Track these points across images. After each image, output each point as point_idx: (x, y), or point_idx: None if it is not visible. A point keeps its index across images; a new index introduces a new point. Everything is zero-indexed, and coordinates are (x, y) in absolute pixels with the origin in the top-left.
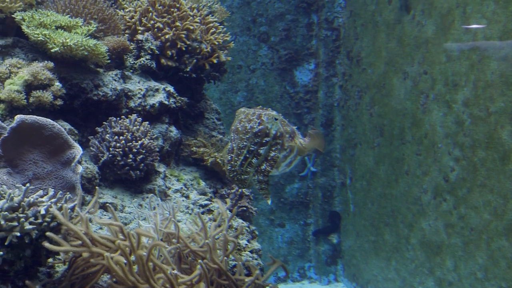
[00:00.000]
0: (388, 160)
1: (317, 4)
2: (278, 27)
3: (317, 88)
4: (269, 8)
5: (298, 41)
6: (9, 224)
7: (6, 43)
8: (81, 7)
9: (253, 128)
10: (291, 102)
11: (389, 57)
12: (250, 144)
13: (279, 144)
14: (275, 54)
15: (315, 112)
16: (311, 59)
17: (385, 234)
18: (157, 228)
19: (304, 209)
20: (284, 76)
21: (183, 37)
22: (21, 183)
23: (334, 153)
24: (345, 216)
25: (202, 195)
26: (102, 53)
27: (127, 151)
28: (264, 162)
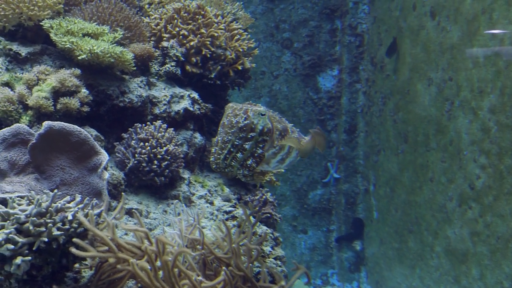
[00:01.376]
0: (412, 167)
1: (341, 10)
2: (301, 33)
3: (340, 94)
4: (293, 14)
5: (321, 47)
6: (37, 230)
7: (34, 51)
8: (108, 15)
9: (239, 123)
10: (314, 108)
11: (413, 63)
12: (234, 138)
13: (267, 140)
14: (298, 60)
15: (338, 118)
16: (334, 65)
17: (409, 241)
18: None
19: (327, 216)
20: (307, 82)
21: (208, 44)
22: (49, 189)
23: (357, 159)
24: (369, 223)
25: (226, 202)
26: (128, 60)
27: (152, 157)
28: (250, 158)
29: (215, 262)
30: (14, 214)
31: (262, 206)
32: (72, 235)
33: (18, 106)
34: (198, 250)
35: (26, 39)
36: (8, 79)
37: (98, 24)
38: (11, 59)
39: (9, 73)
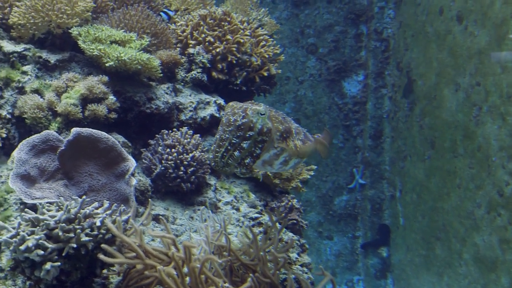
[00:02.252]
0: (439, 173)
1: (366, 15)
2: (326, 39)
3: (366, 100)
4: (318, 19)
5: (346, 52)
6: (66, 235)
7: (63, 58)
8: (135, 22)
9: (236, 121)
10: (340, 114)
11: (440, 68)
12: (232, 136)
13: (266, 141)
14: (323, 65)
15: (364, 123)
16: (359, 70)
17: (436, 248)
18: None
19: (352, 222)
20: (333, 87)
21: (234, 50)
22: (77, 195)
23: (383, 165)
24: (395, 229)
25: (252, 208)
26: (155, 67)
27: (179, 163)
28: (248, 157)
29: (242, 269)
30: (44, 220)
31: (288, 213)
32: (100, 241)
33: (47, 113)
34: (225, 256)
35: (55, 47)
36: (37, 86)
37: (125, 31)
38: (41, 66)
39: (39, 80)
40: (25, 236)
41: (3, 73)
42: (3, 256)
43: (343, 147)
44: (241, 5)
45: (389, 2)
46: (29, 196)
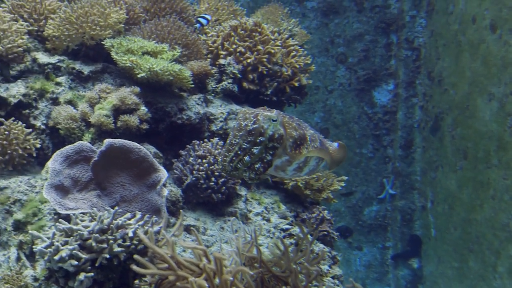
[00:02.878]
0: (472, 184)
1: (397, 24)
2: (356, 48)
3: (396, 109)
4: (347, 29)
5: (376, 62)
6: (100, 246)
7: (96, 69)
8: (166, 33)
9: (247, 126)
10: (369, 123)
11: (473, 78)
12: (242, 141)
13: (277, 147)
14: (353, 74)
15: (394, 133)
16: (390, 79)
17: (469, 260)
18: (240, 252)
19: (382, 232)
20: (362, 97)
21: (265, 61)
22: (109, 206)
23: (414, 175)
24: (426, 241)
25: (283, 219)
26: (186, 78)
27: (210, 174)
28: (258, 162)
29: (273, 281)
30: (78, 231)
31: (319, 224)
32: (133, 252)
33: (80, 124)
34: (256, 268)
35: (88, 58)
36: (71, 97)
37: (157, 42)
38: (74, 78)
39: (72, 91)
40: (59, 246)
41: (38, 84)
42: (38, 265)
43: (373, 157)
44: (272, 15)
45: (420, 11)
46: (63, 207)
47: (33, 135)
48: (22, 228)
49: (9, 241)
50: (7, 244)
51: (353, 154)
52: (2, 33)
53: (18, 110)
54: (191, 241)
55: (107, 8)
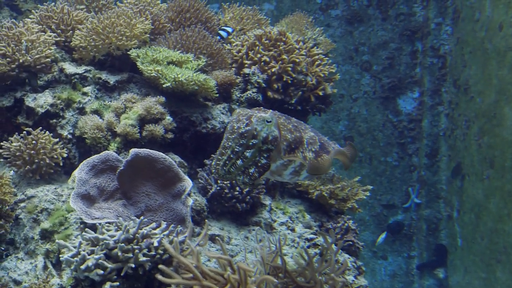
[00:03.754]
0: (500, 194)
1: (422, 31)
2: (381, 56)
3: (421, 117)
4: (372, 36)
5: (401, 69)
6: (125, 256)
7: (121, 79)
8: (191, 43)
9: (240, 128)
10: (394, 131)
11: (500, 85)
12: (235, 144)
13: (271, 149)
14: (378, 82)
15: (419, 141)
16: (415, 87)
17: (497, 271)
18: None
19: (407, 242)
20: (387, 105)
21: (289, 70)
22: (135, 215)
23: (439, 184)
24: (452, 250)
25: (307, 229)
26: (211, 87)
27: (234, 183)
28: (252, 166)
29: None
30: (104, 240)
31: (344, 234)
32: (158, 261)
33: (106, 133)
34: (280, 278)
35: (114, 68)
36: (97, 107)
37: (182, 52)
38: (100, 87)
39: (98, 101)
40: (86, 255)
41: (65, 94)
42: (64, 274)
43: (397, 166)
44: (297, 24)
45: (446, 18)
46: (89, 216)
47: (60, 144)
48: (49, 237)
49: (36, 249)
50: (34, 253)
51: (377, 162)
52: (30, 44)
53: (45, 119)
54: (215, 251)
55: (133, 19)
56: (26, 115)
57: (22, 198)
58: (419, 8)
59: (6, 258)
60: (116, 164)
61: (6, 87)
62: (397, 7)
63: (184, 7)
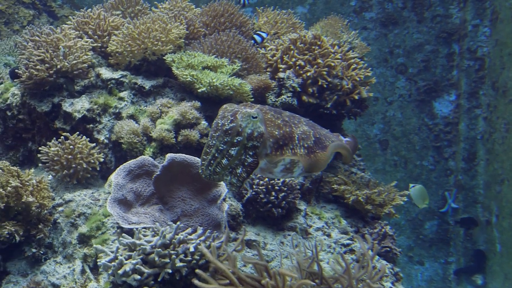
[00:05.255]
0: None
1: (459, 33)
2: (416, 58)
3: (458, 120)
4: (407, 39)
5: (437, 72)
6: (162, 261)
7: (157, 84)
8: (226, 47)
9: (224, 125)
10: (430, 135)
11: None
12: (219, 143)
13: (257, 146)
14: (413, 85)
15: (456, 145)
16: (451, 90)
17: None
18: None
19: (444, 247)
20: (423, 108)
21: (325, 74)
22: (171, 220)
23: (477, 189)
24: (491, 256)
25: (343, 234)
26: (246, 92)
27: (270, 188)
28: (239, 166)
29: None
30: (141, 245)
31: (381, 240)
32: (194, 266)
33: (142, 138)
34: (317, 284)
35: (149, 73)
36: (133, 112)
37: (216, 56)
38: (136, 92)
39: (134, 106)
40: (123, 260)
41: (102, 99)
42: (101, 278)
43: (433, 170)
44: (332, 28)
45: (484, 19)
46: (126, 221)
47: (97, 149)
48: (86, 242)
49: (74, 254)
50: (72, 257)
51: (413, 166)
52: (68, 49)
53: (82, 124)
54: (251, 256)
55: (169, 24)
56: (63, 120)
57: (60, 203)
58: (456, 10)
59: (45, 262)
60: (152, 169)
61: (44, 92)
62: (433, 9)
63: (219, 12)
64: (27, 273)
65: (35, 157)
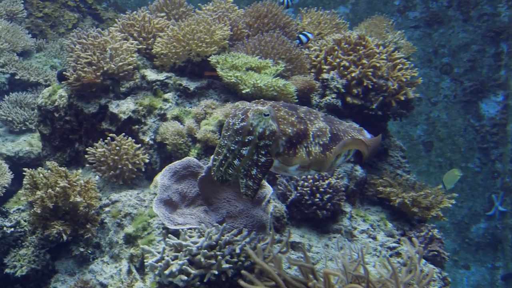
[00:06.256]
0: None
1: (507, 32)
2: (462, 58)
3: (505, 121)
4: (453, 38)
5: (484, 72)
6: (208, 262)
7: (201, 85)
8: (270, 48)
9: (235, 125)
10: (476, 136)
11: None
12: (230, 142)
13: (269, 145)
14: (459, 86)
15: (503, 146)
16: (498, 90)
17: None
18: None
19: (491, 251)
20: (468, 109)
21: (370, 75)
22: (216, 221)
23: None
24: None
25: (389, 237)
26: (291, 93)
27: (315, 190)
28: (253, 167)
29: None
30: (187, 246)
31: (428, 243)
32: (240, 268)
33: (187, 139)
34: None
35: (193, 74)
36: (178, 113)
37: (260, 57)
38: (181, 94)
39: (179, 107)
40: (169, 261)
41: (147, 101)
42: (147, 278)
43: (480, 172)
44: (376, 28)
45: None
46: (172, 222)
47: (142, 150)
48: (133, 242)
49: (121, 253)
50: (119, 257)
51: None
52: (114, 51)
53: (128, 125)
54: (296, 258)
55: (213, 25)
56: (109, 121)
57: (106, 203)
58: (504, 8)
59: (92, 261)
60: (197, 170)
61: (91, 94)
62: (479, 8)
63: (262, 12)
64: (75, 272)
65: (81, 157)
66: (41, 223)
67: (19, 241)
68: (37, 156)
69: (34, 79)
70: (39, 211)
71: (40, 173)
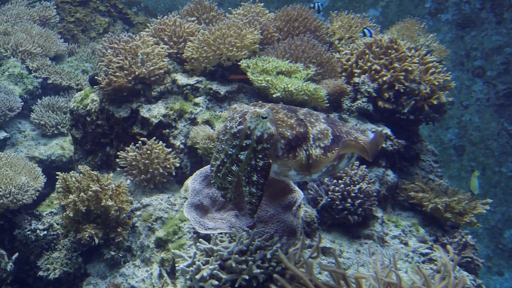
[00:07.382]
0: None
1: None
2: (495, 61)
3: None
4: (485, 41)
5: None
6: (239, 267)
7: (231, 89)
8: (301, 52)
9: (232, 128)
10: (510, 140)
11: None
12: (228, 147)
13: (267, 148)
14: (492, 89)
15: None
16: None
17: None
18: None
19: None
20: (502, 113)
21: (401, 79)
22: (246, 226)
23: None
24: None
25: (422, 243)
26: (322, 97)
27: (346, 195)
28: (253, 172)
29: None
30: (218, 251)
31: (462, 250)
32: (271, 273)
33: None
34: None
35: (224, 78)
36: (208, 117)
37: (290, 61)
38: (211, 98)
39: (209, 111)
40: (201, 265)
41: (177, 105)
42: (178, 283)
43: None
44: (408, 31)
45: None
46: (203, 226)
47: (173, 154)
48: (163, 246)
49: (152, 257)
50: (150, 261)
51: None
52: (146, 56)
53: (158, 129)
54: (327, 263)
55: (243, 29)
56: (141, 125)
57: (137, 207)
58: None
59: (124, 265)
60: None
61: (123, 98)
62: None
63: (292, 16)
64: (106, 276)
65: (112, 161)
66: (74, 227)
67: (52, 244)
68: (68, 159)
69: (66, 83)
70: (71, 215)
71: (72, 176)
